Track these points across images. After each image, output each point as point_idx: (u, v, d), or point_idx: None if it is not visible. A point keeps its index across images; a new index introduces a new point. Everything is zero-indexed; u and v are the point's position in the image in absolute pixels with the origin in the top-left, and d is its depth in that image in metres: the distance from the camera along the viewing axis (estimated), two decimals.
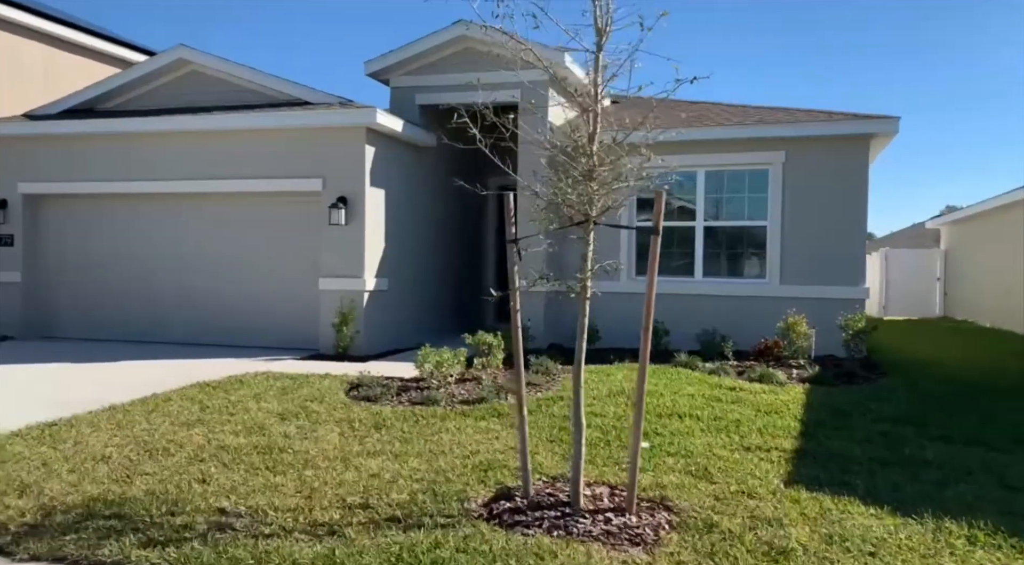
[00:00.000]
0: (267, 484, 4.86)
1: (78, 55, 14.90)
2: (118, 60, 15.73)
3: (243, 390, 7.74)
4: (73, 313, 12.15)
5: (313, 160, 10.69)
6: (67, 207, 12.13)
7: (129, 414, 6.67)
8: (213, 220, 11.46)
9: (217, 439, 5.91)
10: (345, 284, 10.51)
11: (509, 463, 5.32)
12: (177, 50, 11.75)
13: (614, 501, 4.56)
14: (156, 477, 4.99)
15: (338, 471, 5.15)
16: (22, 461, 5.27)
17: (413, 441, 5.94)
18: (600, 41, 4.65)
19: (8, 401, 7.41)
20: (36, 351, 10.66)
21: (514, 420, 6.58)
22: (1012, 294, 16.84)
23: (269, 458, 5.44)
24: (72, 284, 12.16)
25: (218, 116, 10.96)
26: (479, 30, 11.52)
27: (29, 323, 12.07)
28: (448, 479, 4.96)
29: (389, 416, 6.71)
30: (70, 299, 12.17)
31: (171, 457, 5.45)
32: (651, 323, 4.48)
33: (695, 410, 7.09)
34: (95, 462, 5.29)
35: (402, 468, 5.21)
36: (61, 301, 12.22)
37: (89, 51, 15.17)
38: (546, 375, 8.87)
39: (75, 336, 12.02)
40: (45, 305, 12.22)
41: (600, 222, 4.67)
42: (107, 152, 11.62)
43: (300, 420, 6.54)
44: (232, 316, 11.32)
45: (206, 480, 4.93)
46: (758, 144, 11.22)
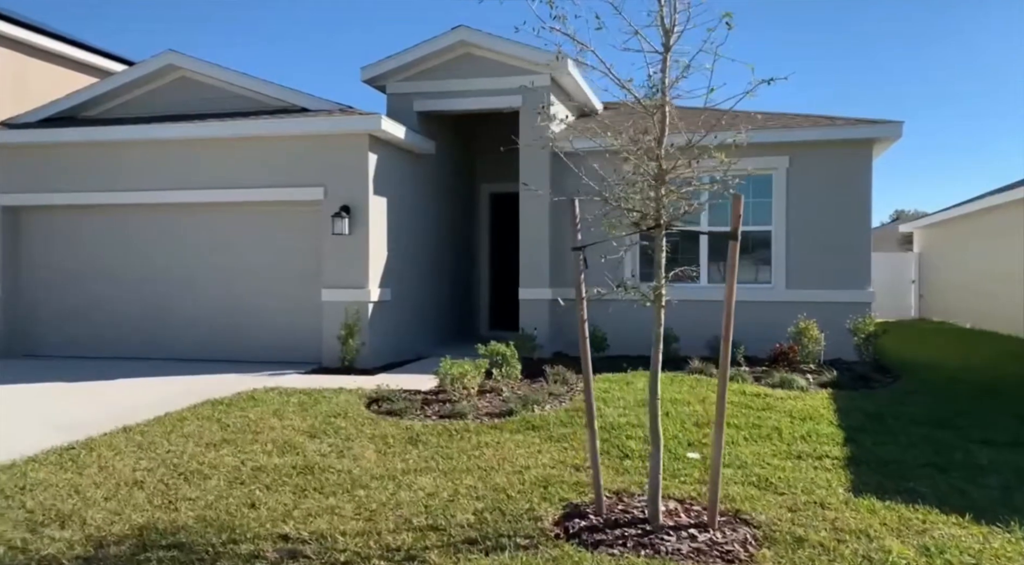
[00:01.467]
0: (322, 507, 4.62)
1: (52, 63, 14.35)
2: (95, 69, 15.20)
3: (259, 407, 7.45)
4: (56, 330, 11.64)
5: (314, 168, 10.41)
6: (50, 219, 11.65)
7: (147, 435, 6.35)
8: (208, 231, 11.09)
9: (251, 460, 5.63)
10: (349, 295, 10.24)
11: (565, 478, 5.15)
12: (166, 55, 11.39)
13: (690, 516, 4.41)
14: (200, 502, 4.72)
15: (390, 491, 4.93)
16: (50, 488, 4.95)
17: (456, 457, 5.73)
18: (667, 41, 4.50)
19: (11, 424, 7.02)
20: (22, 370, 10.18)
21: (552, 433, 6.44)
22: (992, 297, 17.14)
23: (313, 479, 5.19)
24: (55, 299, 11.67)
25: (214, 123, 10.62)
26: (479, 36, 11.45)
27: (10, 340, 11.55)
28: (509, 497, 4.77)
29: (421, 431, 6.49)
30: (53, 315, 11.67)
31: (208, 480, 5.17)
32: (730, 333, 4.34)
33: (730, 418, 6.98)
34: (129, 488, 4.99)
35: (457, 486, 5.00)
36: (43, 317, 11.71)
37: (64, 59, 14.60)
38: (564, 384, 8.70)
39: (59, 353, 11.51)
40: (26, 322, 11.70)
41: (673, 227, 4.50)
42: (95, 161, 11.19)
43: (331, 438, 6.29)
44: (229, 330, 10.96)
45: (255, 505, 4.67)
46: (763, 149, 11.21)
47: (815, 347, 9.96)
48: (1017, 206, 15.56)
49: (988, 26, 48.76)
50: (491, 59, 11.72)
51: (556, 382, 8.74)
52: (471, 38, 11.52)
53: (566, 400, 7.92)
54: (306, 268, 10.71)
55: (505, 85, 11.69)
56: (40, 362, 10.91)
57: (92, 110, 11.95)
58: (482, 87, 11.75)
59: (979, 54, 52.57)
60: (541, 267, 11.65)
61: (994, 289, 17.02)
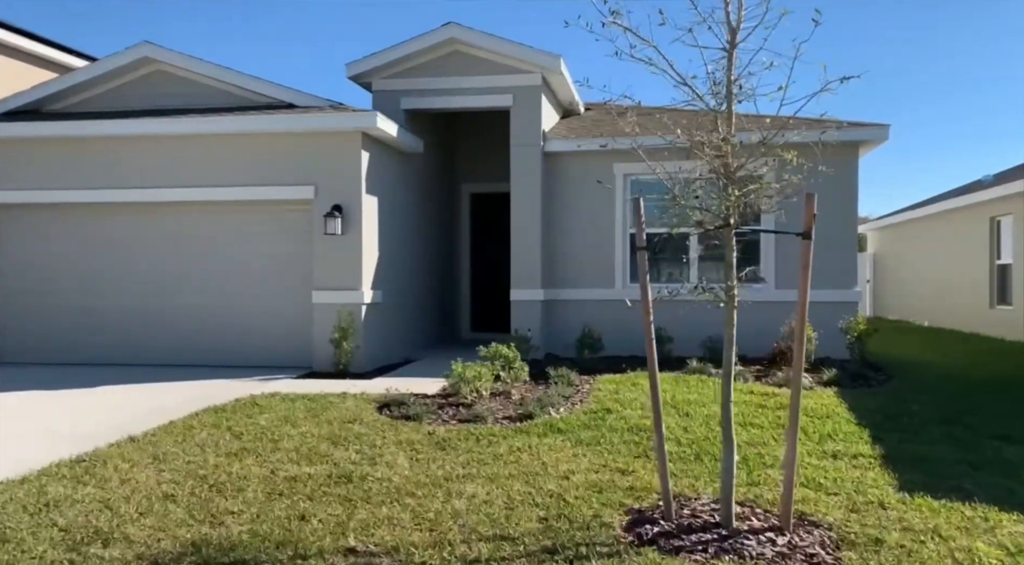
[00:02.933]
0: (377, 517, 4.43)
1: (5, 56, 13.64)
2: (54, 64, 14.53)
3: (266, 414, 7.17)
4: (20, 336, 10.99)
5: (304, 167, 10.10)
6: (14, 218, 11.01)
7: (158, 445, 6.04)
8: (190, 231, 10.66)
9: (281, 469, 5.39)
10: (341, 297, 9.96)
11: (617, 483, 5.06)
12: (141, 47, 10.92)
13: (759, 519, 4.35)
14: (245, 516, 4.48)
15: (441, 499, 4.76)
16: (76, 504, 4.64)
17: (491, 462, 5.59)
18: (733, 39, 4.44)
19: (6, 436, 6.60)
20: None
21: (579, 437, 6.36)
22: (949, 295, 17.69)
23: (354, 488, 4.99)
24: (19, 304, 11.01)
25: (198, 119, 10.22)
26: (470, 33, 11.29)
27: None
28: (567, 503, 4.65)
29: (446, 436, 6.32)
30: (17, 320, 11.03)
31: (243, 492, 4.92)
32: (804, 334, 4.28)
33: (751, 418, 7.00)
34: (162, 501, 4.71)
35: (508, 493, 4.86)
36: (6, 323, 11.07)
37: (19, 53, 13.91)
38: (570, 386, 8.60)
39: (25, 361, 10.85)
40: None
41: (742, 227, 4.44)
42: (66, 158, 10.65)
43: (356, 444, 6.07)
44: (212, 334, 10.54)
45: (305, 517, 4.45)
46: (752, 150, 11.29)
47: (809, 346, 10.08)
48: (978, 209, 16.07)
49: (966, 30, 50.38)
50: (481, 57, 11.56)
51: (561, 384, 8.64)
52: (462, 35, 11.35)
53: (578, 402, 7.84)
54: (295, 269, 10.39)
55: (495, 83, 11.55)
56: (9, 370, 10.32)
57: (57, 104, 11.38)
58: (472, 86, 11.59)
59: (934, 61, 54.24)
60: (533, 268, 11.53)
61: (954, 289, 17.56)
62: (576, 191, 11.73)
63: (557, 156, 11.73)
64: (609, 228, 11.67)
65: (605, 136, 12.04)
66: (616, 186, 11.63)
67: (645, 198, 5.71)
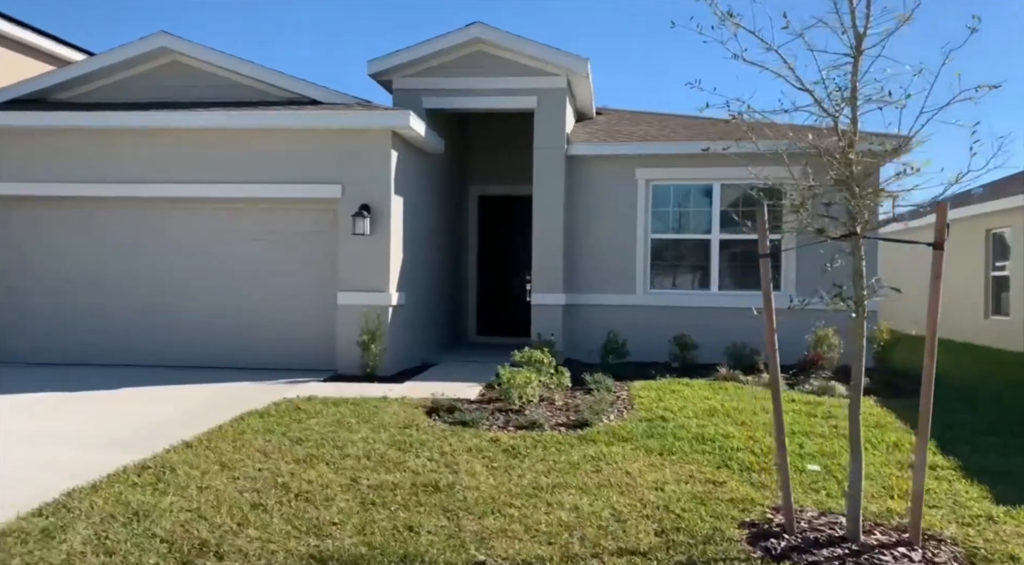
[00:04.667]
0: (487, 528, 4.27)
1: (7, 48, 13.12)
2: (51, 57, 14.04)
3: (315, 418, 6.94)
4: (23, 334, 10.54)
5: (331, 165, 9.86)
6: (18, 212, 10.56)
7: (217, 451, 5.79)
8: (209, 228, 10.33)
9: (360, 477, 5.20)
10: (368, 299, 9.73)
11: (713, 494, 4.97)
12: (158, 37, 10.55)
13: (881, 533, 4.29)
14: (348, 527, 4.28)
15: (543, 509, 4.62)
16: (166, 514, 4.39)
17: (571, 471, 5.46)
18: (859, 45, 4.38)
19: (46, 440, 6.29)
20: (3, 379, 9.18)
21: (647, 445, 6.26)
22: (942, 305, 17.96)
23: (446, 497, 4.82)
24: (22, 301, 10.55)
25: (221, 112, 9.91)
26: (496, 33, 11.15)
27: None
28: (677, 515, 4.54)
29: (511, 443, 6.17)
30: (18, 318, 10.57)
31: (333, 501, 4.72)
32: (935, 344, 4.24)
33: (806, 427, 6.97)
34: (255, 511, 4.50)
35: (610, 504, 4.73)
36: (12, 321, 10.59)
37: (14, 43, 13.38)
38: (608, 391, 8.48)
39: (27, 361, 10.36)
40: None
41: (869, 235, 4.37)
42: (76, 150, 10.23)
43: (424, 451, 5.89)
44: (230, 335, 10.21)
45: (413, 528, 4.28)
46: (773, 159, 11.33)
47: (832, 354, 10.13)
48: (975, 221, 16.37)
49: None
50: (505, 58, 11.43)
51: (601, 390, 8.53)
52: (487, 35, 11.20)
53: (624, 409, 7.74)
54: (318, 270, 10.13)
55: (519, 85, 11.43)
56: (19, 370, 9.87)
57: (64, 93, 10.95)
58: (495, 86, 11.45)
59: None
60: (555, 272, 11.42)
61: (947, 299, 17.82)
62: (598, 195, 11.65)
63: (579, 160, 11.64)
64: (631, 233, 11.61)
65: (621, 140, 12.04)
66: (638, 191, 11.59)
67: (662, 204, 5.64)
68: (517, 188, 14.12)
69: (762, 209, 4.65)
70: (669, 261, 11.75)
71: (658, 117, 14.25)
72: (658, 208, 11.72)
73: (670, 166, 11.58)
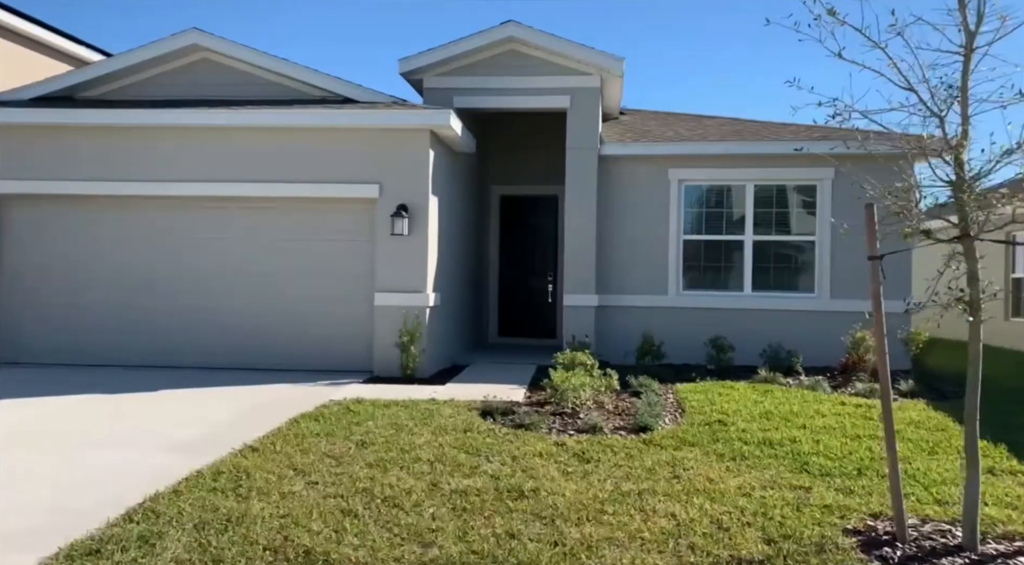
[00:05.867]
0: (591, 537, 4.18)
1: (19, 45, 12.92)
2: (69, 57, 13.87)
3: (370, 421, 6.84)
4: (46, 335, 10.34)
5: (368, 164, 9.74)
6: (44, 210, 10.36)
7: (287, 455, 5.68)
8: (243, 227, 10.17)
9: (440, 482, 5.09)
10: (406, 300, 9.63)
11: (805, 500, 4.89)
12: (189, 34, 10.41)
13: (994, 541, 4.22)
14: (450, 535, 4.18)
15: (639, 518, 4.53)
16: (259, 520, 4.28)
17: (648, 477, 5.37)
18: (970, 43, 4.30)
19: (100, 442, 6.16)
20: (28, 381, 8.97)
21: (717, 450, 6.18)
22: None
23: (535, 503, 4.73)
24: (46, 301, 10.36)
25: (260, 111, 9.78)
26: (530, 32, 11.05)
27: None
28: (779, 523, 4.46)
29: (579, 448, 6.08)
30: (42, 318, 10.37)
31: (421, 507, 4.61)
32: None
33: (869, 431, 6.90)
34: (346, 518, 4.39)
35: (707, 512, 4.64)
36: (30, 320, 10.39)
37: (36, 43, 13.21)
38: (654, 394, 8.40)
39: (49, 361, 10.17)
40: (11, 325, 10.37)
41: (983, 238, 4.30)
42: (105, 147, 10.06)
43: (495, 455, 5.79)
44: (262, 336, 10.06)
45: (514, 535, 4.18)
46: (808, 160, 11.28)
47: (872, 356, 10.08)
48: None
49: None
50: (538, 57, 11.34)
51: (647, 392, 8.45)
52: (520, 34, 11.11)
53: (676, 412, 7.67)
54: (353, 270, 10.01)
55: (552, 84, 11.35)
56: (40, 372, 9.69)
57: (92, 91, 10.80)
58: (528, 86, 11.36)
59: None
60: (588, 273, 11.34)
61: None
62: (630, 196, 11.57)
63: (611, 160, 11.56)
64: (663, 234, 11.54)
65: (653, 140, 11.97)
66: (671, 191, 11.53)
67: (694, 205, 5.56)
68: (538, 188, 14.07)
69: (871, 210, 4.54)
70: (701, 262, 11.68)
71: (682, 117, 14.21)
72: (690, 208, 11.65)
73: (703, 166, 11.52)
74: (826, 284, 11.31)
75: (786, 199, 11.60)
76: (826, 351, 10.67)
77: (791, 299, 11.41)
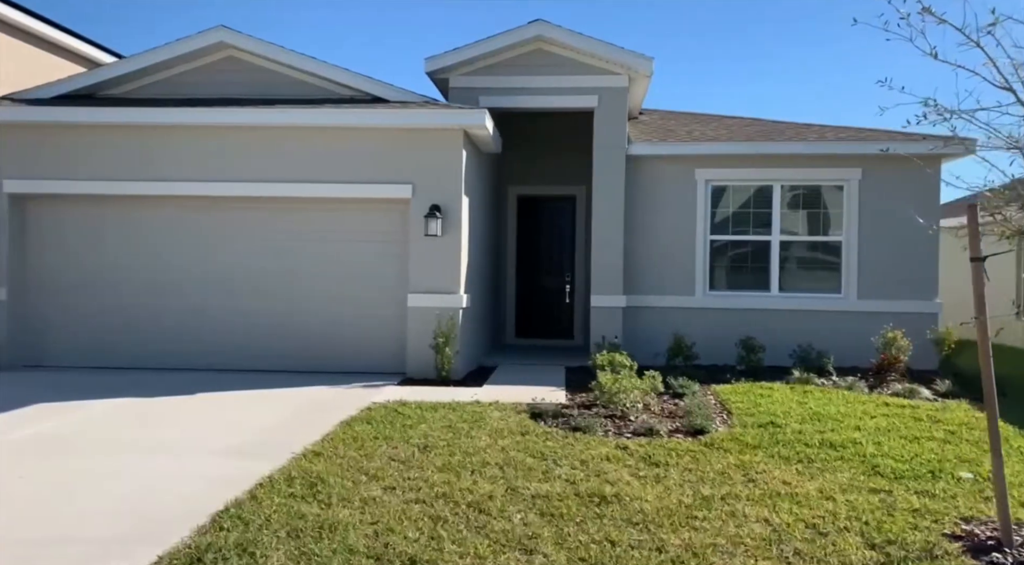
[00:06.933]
0: (694, 543, 4.11)
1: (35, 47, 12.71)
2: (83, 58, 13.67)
3: (424, 424, 6.74)
4: (68, 337, 10.15)
5: (401, 164, 9.63)
6: (66, 210, 10.17)
7: (351, 459, 5.58)
8: (271, 229, 10.02)
9: (516, 487, 5.01)
10: (439, 301, 9.53)
11: (891, 504, 4.85)
12: (216, 31, 10.26)
13: None
14: (546, 540, 4.10)
15: (734, 523, 4.47)
16: (352, 528, 4.18)
17: (722, 481, 5.32)
18: None
19: (155, 447, 6.03)
20: (56, 385, 8.77)
21: (780, 452, 6.13)
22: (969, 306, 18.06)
23: (618, 508, 4.66)
24: (69, 303, 10.17)
25: (289, 110, 9.64)
26: (558, 31, 10.97)
27: (15, 350, 10.00)
28: (876, 527, 4.41)
29: (644, 452, 6.01)
30: (66, 321, 10.17)
31: (506, 513, 4.53)
32: None
33: (923, 432, 6.87)
34: (437, 524, 4.30)
35: (799, 517, 4.59)
36: (53, 323, 10.20)
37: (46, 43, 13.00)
38: (695, 395, 8.35)
39: (71, 364, 10.01)
40: (34, 328, 10.17)
41: None
42: (132, 146, 9.89)
43: (563, 459, 5.71)
44: (295, 338, 9.92)
45: (614, 542, 4.11)
46: (836, 160, 11.31)
47: (904, 356, 10.08)
48: None
49: None
50: (565, 57, 11.26)
51: (689, 394, 8.40)
52: (548, 33, 11.03)
53: (724, 414, 7.62)
54: (385, 271, 9.90)
55: (580, 84, 11.28)
56: (70, 375, 9.52)
57: (115, 89, 10.64)
58: (555, 85, 11.27)
59: None
60: (615, 274, 11.27)
61: None
62: (657, 196, 11.51)
63: (638, 160, 11.49)
64: (690, 234, 11.49)
65: (679, 140, 11.93)
66: (697, 192, 11.49)
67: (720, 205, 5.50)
68: (555, 188, 14.00)
69: (975, 210, 4.49)
70: (728, 262, 11.65)
71: (700, 117, 14.18)
72: (717, 209, 11.62)
73: (730, 166, 11.49)
74: (853, 284, 11.30)
75: (812, 199, 11.59)
76: (854, 351, 10.66)
77: (818, 299, 11.39)
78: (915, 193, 11.24)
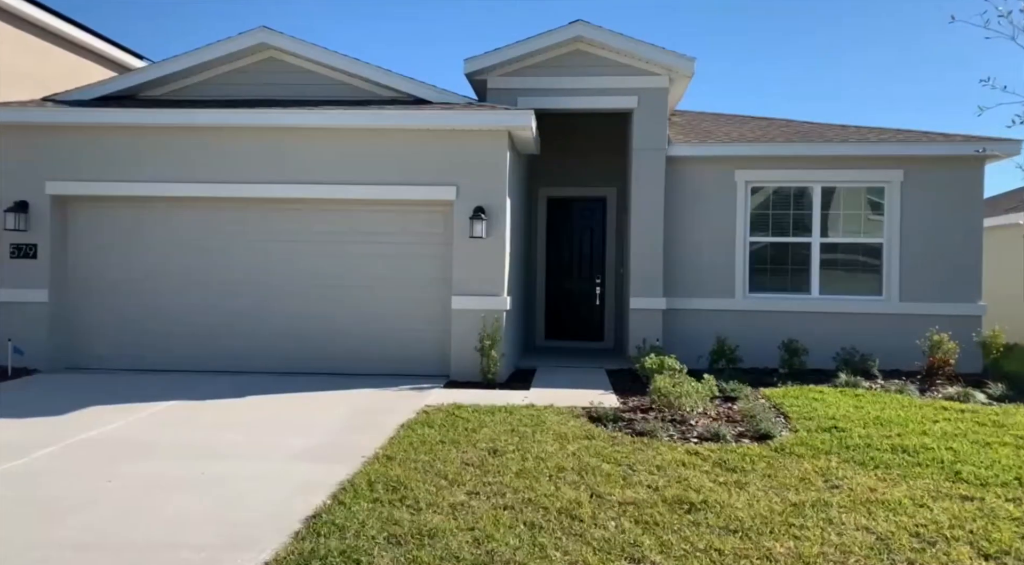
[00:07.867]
0: (800, 553, 4.04)
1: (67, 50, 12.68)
2: (111, 62, 13.66)
3: (486, 428, 6.67)
4: (109, 339, 10.09)
5: (444, 166, 9.56)
6: (107, 212, 10.09)
7: (425, 464, 5.51)
8: (316, 231, 9.94)
9: (602, 493, 4.94)
10: (484, 303, 9.45)
11: (988, 512, 4.75)
12: (258, 32, 10.20)
13: None
14: (652, 548, 4.02)
15: (834, 531, 4.39)
16: (451, 535, 4.10)
17: (803, 487, 5.24)
18: None
19: (221, 450, 5.96)
20: (103, 388, 8.73)
21: (853, 457, 6.04)
22: None
23: (710, 515, 4.58)
24: (110, 304, 10.10)
25: (335, 111, 9.57)
26: (598, 31, 10.90)
27: (56, 352, 9.94)
28: (984, 537, 4.32)
29: (719, 458, 5.93)
30: (103, 323, 10.11)
31: (598, 520, 4.45)
32: None
33: (992, 436, 6.77)
34: (534, 531, 4.22)
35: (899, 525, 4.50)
36: (93, 325, 10.13)
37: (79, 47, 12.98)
38: (747, 400, 8.25)
39: (112, 366, 9.95)
40: (74, 330, 10.12)
41: None
42: (178, 147, 9.82)
43: (639, 465, 5.63)
44: (339, 340, 9.84)
45: (719, 550, 4.03)
46: (877, 162, 11.21)
47: (952, 359, 9.98)
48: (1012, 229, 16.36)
49: None
50: (604, 57, 11.19)
51: (742, 398, 8.31)
52: (588, 33, 10.96)
53: (786, 420, 7.51)
54: (428, 273, 9.83)
55: (619, 85, 11.20)
56: (109, 377, 9.41)
57: (156, 90, 10.59)
58: (594, 86, 11.20)
59: None
60: (655, 276, 11.18)
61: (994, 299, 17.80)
62: (696, 197, 11.42)
63: (677, 161, 11.40)
64: (729, 236, 11.40)
65: (718, 141, 11.85)
66: (737, 193, 11.40)
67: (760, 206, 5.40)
68: (585, 190, 13.91)
69: None
70: (768, 265, 11.54)
71: (734, 118, 14.09)
72: (757, 210, 11.53)
73: (770, 168, 11.40)
74: (895, 286, 11.19)
75: (853, 201, 11.49)
76: (897, 354, 10.57)
77: (859, 302, 11.29)
78: (957, 194, 11.15)
